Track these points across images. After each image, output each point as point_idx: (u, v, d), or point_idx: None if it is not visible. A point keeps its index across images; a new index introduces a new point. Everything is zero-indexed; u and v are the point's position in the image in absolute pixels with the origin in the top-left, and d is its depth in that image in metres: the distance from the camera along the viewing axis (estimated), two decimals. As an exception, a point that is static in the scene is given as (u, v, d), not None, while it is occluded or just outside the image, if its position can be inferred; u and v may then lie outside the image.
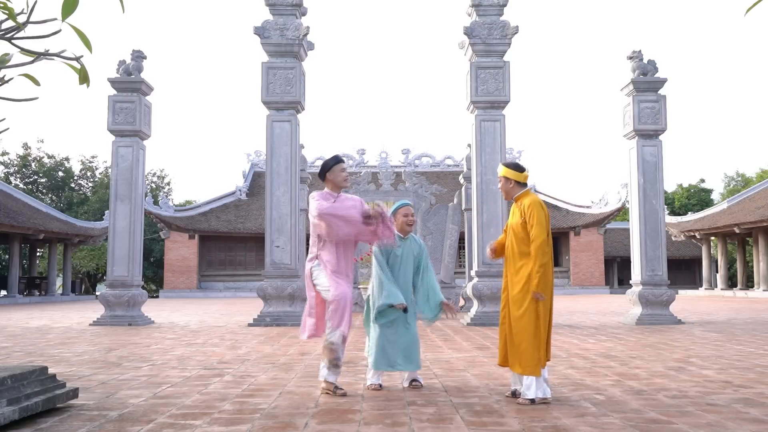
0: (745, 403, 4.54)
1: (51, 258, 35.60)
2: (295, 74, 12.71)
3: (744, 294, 32.71)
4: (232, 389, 5.17)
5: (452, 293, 17.55)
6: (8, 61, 3.26)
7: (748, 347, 8.23)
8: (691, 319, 13.98)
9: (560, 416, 4.13)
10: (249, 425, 3.90)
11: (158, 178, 53.46)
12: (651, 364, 6.63)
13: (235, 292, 39.15)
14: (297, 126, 12.80)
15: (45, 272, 41.08)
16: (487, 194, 12.31)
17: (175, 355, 7.61)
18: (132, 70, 13.40)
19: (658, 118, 12.92)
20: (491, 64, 12.46)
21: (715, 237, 37.93)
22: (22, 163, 48.52)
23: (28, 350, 8.27)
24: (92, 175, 51.58)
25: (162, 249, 43.98)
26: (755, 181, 48.13)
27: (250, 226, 40.14)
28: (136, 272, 13.07)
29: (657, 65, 13.11)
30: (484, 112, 12.53)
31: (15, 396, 3.99)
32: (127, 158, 13.20)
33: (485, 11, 12.55)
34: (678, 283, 44.04)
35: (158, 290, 43.67)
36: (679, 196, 53.07)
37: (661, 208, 12.89)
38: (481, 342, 8.93)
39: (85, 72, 3.08)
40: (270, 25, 12.74)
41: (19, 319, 15.79)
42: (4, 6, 2.96)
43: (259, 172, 44.39)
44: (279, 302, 12.27)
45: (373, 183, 18.53)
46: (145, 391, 5.07)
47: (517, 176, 4.87)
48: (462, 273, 26.12)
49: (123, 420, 4.06)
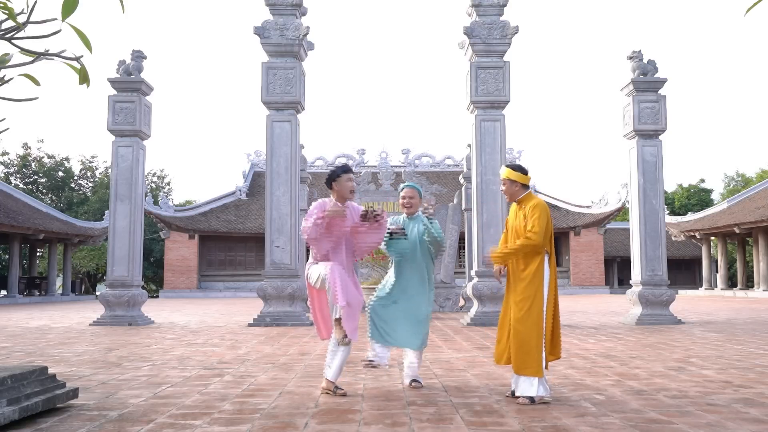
0: (745, 403, 4.54)
1: (51, 258, 35.60)
2: (295, 74, 12.71)
3: (744, 294, 32.70)
4: (232, 389, 5.17)
5: (452, 293, 17.55)
6: (8, 61, 3.26)
7: (748, 347, 8.23)
8: (691, 319, 13.98)
9: (560, 416, 4.13)
10: (249, 425, 3.90)
11: (158, 178, 53.46)
12: (651, 364, 6.63)
13: (235, 292, 39.15)
14: (297, 126, 12.80)
15: (45, 272, 41.09)
16: (487, 194, 12.31)
17: (175, 355, 7.61)
18: (132, 70, 13.40)
19: (658, 118, 12.92)
20: (491, 64, 12.46)
21: (715, 237, 37.93)
22: (22, 163, 48.52)
23: (28, 350, 8.27)
24: (92, 175, 51.59)
25: (162, 249, 43.98)
26: (755, 181, 48.14)
27: (250, 226, 40.13)
28: (136, 272, 13.07)
29: (657, 65, 13.11)
30: (484, 112, 12.53)
31: (15, 396, 3.99)
32: (127, 158, 13.20)
33: (485, 11, 12.56)
34: (678, 283, 44.04)
35: (158, 290, 43.67)
36: (679, 196, 53.08)
37: (661, 208, 12.89)
38: (481, 342, 8.93)
39: (85, 72, 3.08)
40: (270, 25, 12.74)
41: (19, 319, 15.79)
42: (4, 6, 2.96)
43: (259, 172, 44.39)
44: (279, 302, 12.27)
45: (373, 183, 18.55)
46: (145, 391, 5.06)
47: (522, 178, 4.86)
48: (462, 273, 26.12)
49: (123, 420, 4.06)
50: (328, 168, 44.29)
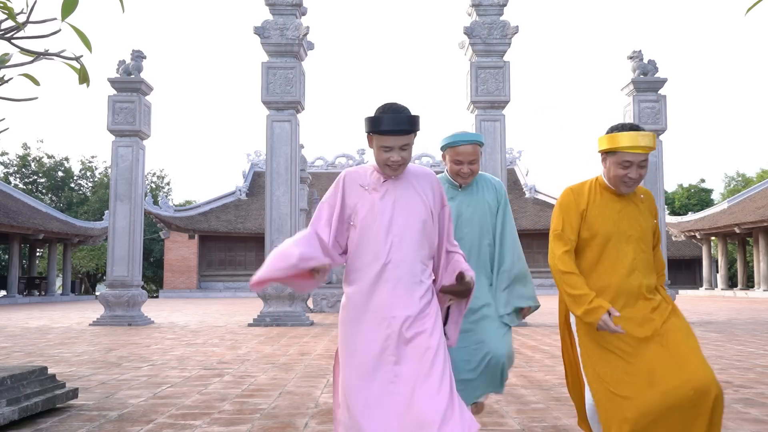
0: (745, 403, 4.53)
1: (51, 258, 35.59)
2: (295, 74, 12.71)
3: (744, 294, 32.70)
4: (232, 389, 5.17)
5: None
6: (8, 61, 3.26)
7: (748, 347, 8.22)
8: (692, 319, 13.97)
9: (560, 416, 4.13)
10: (249, 425, 3.90)
11: (158, 178, 53.44)
12: (651, 364, 6.62)
13: (235, 292, 39.14)
14: (297, 126, 12.80)
15: (45, 272, 41.09)
16: (487, 194, 12.30)
17: (175, 355, 7.60)
18: (132, 70, 13.41)
19: (659, 118, 12.92)
20: (491, 64, 12.46)
21: (716, 237, 37.92)
22: (22, 163, 48.50)
23: (27, 350, 8.26)
24: (92, 175, 51.57)
25: (162, 249, 43.97)
26: (755, 181, 48.13)
27: (250, 226, 40.13)
28: (135, 272, 13.07)
29: (657, 65, 13.13)
30: (484, 112, 12.53)
31: (15, 396, 3.98)
32: (127, 158, 13.20)
33: (485, 11, 12.56)
34: (678, 283, 44.04)
35: (158, 290, 43.66)
36: (679, 196, 53.06)
37: (661, 208, 12.89)
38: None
39: (85, 72, 3.08)
40: (270, 25, 12.74)
41: (18, 319, 15.78)
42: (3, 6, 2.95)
43: (259, 172, 44.38)
44: (279, 302, 12.26)
45: (373, 183, 18.53)
46: (145, 391, 5.06)
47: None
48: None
49: (123, 420, 4.06)
50: (327, 168, 44.30)
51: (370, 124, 2.49)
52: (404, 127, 2.45)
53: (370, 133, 2.51)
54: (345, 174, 2.63)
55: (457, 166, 3.20)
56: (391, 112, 2.48)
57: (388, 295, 2.47)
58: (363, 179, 2.60)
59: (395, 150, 2.48)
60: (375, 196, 2.55)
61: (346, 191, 2.59)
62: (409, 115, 2.48)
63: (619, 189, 2.82)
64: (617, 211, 2.84)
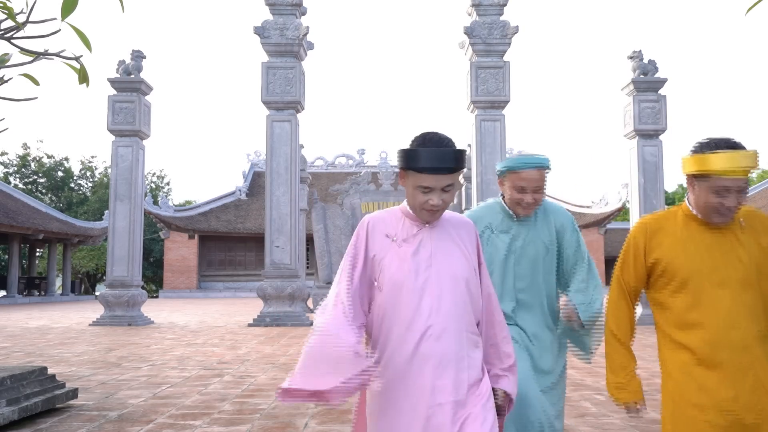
0: (745, 404, 4.52)
1: (50, 258, 35.59)
2: (295, 74, 12.70)
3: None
4: (232, 389, 5.16)
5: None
6: (8, 60, 3.25)
7: None
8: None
9: (561, 416, 4.12)
10: (249, 425, 3.90)
11: (158, 178, 53.42)
12: (651, 364, 6.62)
13: (235, 292, 39.14)
14: (297, 126, 12.79)
15: (44, 272, 41.08)
16: (487, 194, 12.29)
17: (175, 355, 7.60)
18: (132, 70, 13.40)
19: (659, 118, 12.92)
20: (491, 64, 12.46)
21: (715, 237, 37.91)
22: (22, 163, 48.50)
23: (27, 350, 8.26)
24: (92, 175, 51.56)
25: (162, 249, 43.96)
26: (755, 181, 48.18)
27: (250, 226, 40.13)
28: (135, 272, 13.07)
29: (657, 65, 13.12)
30: (484, 112, 12.53)
31: (15, 396, 3.98)
32: (127, 158, 13.20)
33: (485, 11, 12.55)
34: (678, 283, 44.01)
35: (158, 290, 43.66)
36: (679, 196, 53.11)
37: (661, 208, 12.89)
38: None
39: (85, 72, 3.08)
40: (270, 24, 12.73)
41: (18, 319, 15.77)
42: (3, 6, 2.95)
43: (259, 172, 44.37)
44: (279, 302, 12.25)
45: (373, 183, 18.51)
46: (145, 392, 5.06)
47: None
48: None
49: (123, 420, 4.05)
50: (327, 168, 44.25)
51: (406, 159, 1.98)
52: (449, 165, 1.96)
53: (405, 169, 2.01)
54: (368, 221, 2.12)
55: (518, 194, 2.70)
56: (432, 144, 1.97)
57: (430, 377, 1.95)
58: (390, 228, 2.08)
59: (436, 192, 1.98)
60: (406, 249, 2.03)
61: (369, 242, 2.08)
62: (455, 150, 1.97)
63: (711, 219, 2.16)
64: (706, 246, 2.17)
